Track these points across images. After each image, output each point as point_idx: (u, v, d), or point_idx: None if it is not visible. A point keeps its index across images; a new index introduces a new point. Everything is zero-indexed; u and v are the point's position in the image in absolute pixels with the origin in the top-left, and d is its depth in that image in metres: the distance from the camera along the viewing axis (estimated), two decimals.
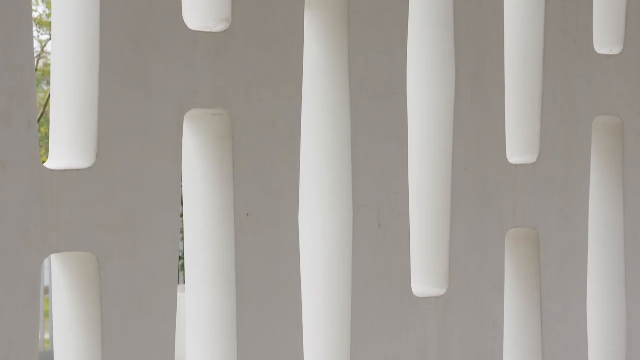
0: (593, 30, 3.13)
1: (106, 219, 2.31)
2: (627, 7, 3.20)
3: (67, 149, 2.36)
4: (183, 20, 2.42)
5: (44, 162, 2.29)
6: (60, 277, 2.38)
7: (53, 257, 2.35)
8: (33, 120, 2.22)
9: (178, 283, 2.57)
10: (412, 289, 2.79)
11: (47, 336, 10.57)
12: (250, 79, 2.51)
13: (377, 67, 2.71)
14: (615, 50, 3.20)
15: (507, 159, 2.98)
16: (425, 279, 2.89)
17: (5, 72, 2.19)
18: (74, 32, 2.38)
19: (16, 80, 2.20)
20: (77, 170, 2.28)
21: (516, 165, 3.00)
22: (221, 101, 2.47)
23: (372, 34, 2.70)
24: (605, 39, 3.22)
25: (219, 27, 2.49)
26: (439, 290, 2.86)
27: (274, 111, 2.55)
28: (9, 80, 2.20)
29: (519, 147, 3.06)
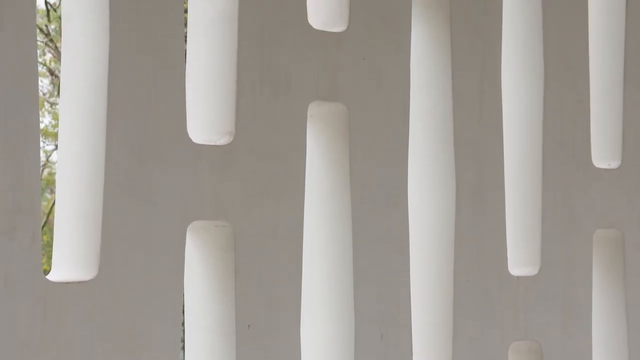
0: (591, 143, 3.16)
1: (107, 330, 2.30)
2: (623, 122, 3.24)
3: (70, 260, 2.37)
4: (187, 133, 2.46)
5: (45, 270, 2.29)
6: None
7: None
8: (37, 233, 2.23)
9: None
10: None
11: None
12: (252, 191, 2.53)
13: (378, 179, 2.74)
14: (614, 164, 3.23)
15: (508, 271, 2.98)
16: None
17: (12, 187, 2.21)
18: (80, 143, 2.41)
19: (22, 195, 2.22)
20: (79, 282, 2.29)
21: (517, 277, 3.00)
22: (224, 213, 2.49)
23: (373, 148, 2.74)
24: (603, 153, 3.25)
25: (222, 140, 2.52)
26: None
27: (275, 223, 2.56)
28: (14, 195, 2.22)
29: (520, 258, 3.06)
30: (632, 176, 3.25)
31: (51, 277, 2.29)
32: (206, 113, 2.57)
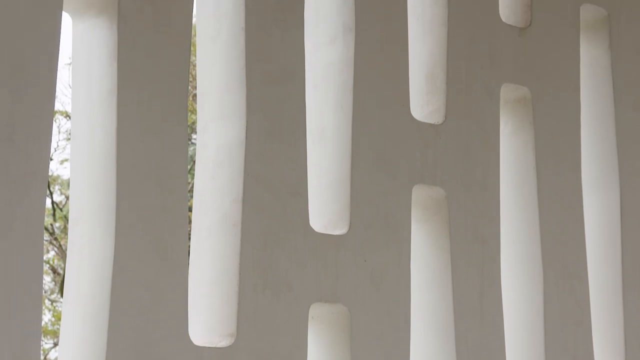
0: (593, 348, 3.13)
1: None
2: (624, 326, 3.22)
3: None
4: (189, 335, 2.46)
5: None
6: None
7: None
8: None
9: None
10: None
11: None
12: None
13: None
14: None
15: None
16: None
17: None
18: (81, 345, 2.41)
19: None
20: None
21: None
22: None
23: (375, 349, 2.72)
24: (606, 357, 3.21)
25: (223, 342, 2.52)
26: None
27: None
28: None
29: None
30: None
31: None
32: (208, 315, 2.57)
